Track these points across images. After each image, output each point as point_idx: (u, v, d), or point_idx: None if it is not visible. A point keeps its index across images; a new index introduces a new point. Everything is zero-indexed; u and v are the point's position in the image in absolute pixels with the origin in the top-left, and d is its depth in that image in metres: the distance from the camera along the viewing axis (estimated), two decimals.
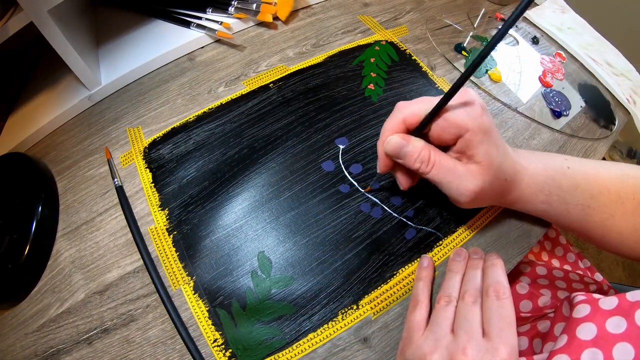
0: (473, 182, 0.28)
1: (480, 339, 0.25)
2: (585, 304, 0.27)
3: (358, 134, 0.40)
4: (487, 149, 0.27)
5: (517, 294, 0.40)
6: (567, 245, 0.50)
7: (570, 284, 0.43)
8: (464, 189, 0.28)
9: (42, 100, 0.43)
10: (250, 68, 0.45)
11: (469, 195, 0.28)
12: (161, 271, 0.32)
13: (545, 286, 0.43)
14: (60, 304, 0.31)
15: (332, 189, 0.36)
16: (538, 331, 0.36)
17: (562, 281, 0.43)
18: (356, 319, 0.31)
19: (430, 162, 0.27)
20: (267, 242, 0.34)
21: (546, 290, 0.42)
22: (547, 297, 0.38)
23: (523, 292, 0.40)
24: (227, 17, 0.48)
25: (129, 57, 0.44)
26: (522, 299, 0.39)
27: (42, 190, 0.35)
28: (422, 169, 0.28)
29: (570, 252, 0.49)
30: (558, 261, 0.47)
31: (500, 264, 0.30)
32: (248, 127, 0.40)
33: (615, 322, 0.25)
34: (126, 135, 0.40)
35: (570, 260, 0.48)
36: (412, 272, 0.33)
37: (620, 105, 0.51)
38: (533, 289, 0.40)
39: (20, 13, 0.33)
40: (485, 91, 0.46)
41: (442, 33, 0.51)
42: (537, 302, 0.38)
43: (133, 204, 0.36)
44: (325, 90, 0.43)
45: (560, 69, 0.52)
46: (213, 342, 0.29)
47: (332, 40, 0.48)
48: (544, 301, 0.37)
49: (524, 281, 0.43)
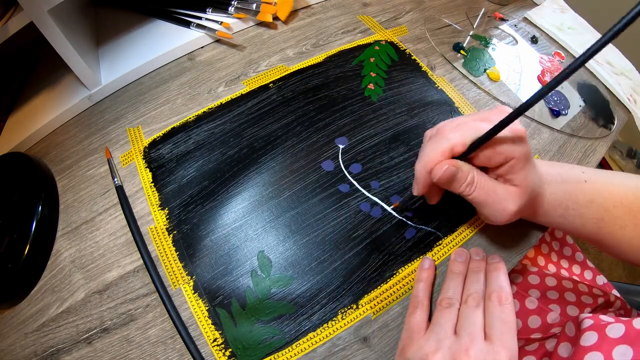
0: (512, 203, 0.28)
1: (482, 341, 0.26)
2: (593, 331, 0.28)
3: (358, 133, 0.40)
4: (526, 174, 0.28)
5: (526, 310, 0.41)
6: (574, 245, 0.50)
7: (580, 297, 0.43)
8: (503, 210, 0.29)
9: (42, 100, 0.43)
10: (250, 68, 0.45)
11: (507, 215, 0.29)
12: (161, 271, 0.32)
13: (554, 301, 0.43)
14: (60, 303, 0.31)
15: (331, 188, 0.36)
16: (546, 350, 0.36)
17: (572, 293, 0.43)
18: (356, 319, 0.31)
19: (474, 184, 0.28)
20: (266, 241, 0.34)
21: (555, 305, 0.43)
22: (557, 314, 0.39)
23: (532, 307, 0.40)
24: (227, 17, 0.48)
25: (129, 57, 0.44)
26: (530, 314, 0.40)
27: (42, 190, 0.35)
28: (466, 192, 0.28)
29: (578, 252, 0.49)
30: (567, 261, 0.47)
31: (503, 268, 0.30)
32: (248, 126, 0.40)
33: (621, 350, 0.25)
34: (126, 134, 0.40)
35: (579, 259, 0.48)
36: (412, 271, 0.33)
37: (619, 105, 0.51)
38: (542, 304, 0.40)
39: (20, 13, 0.33)
40: (484, 91, 0.46)
41: (441, 33, 0.51)
42: (545, 319, 0.38)
43: (133, 203, 0.36)
44: (325, 90, 0.43)
45: (559, 68, 0.52)
46: (213, 341, 0.29)
47: (332, 40, 0.48)
48: (552, 317, 0.38)
49: (533, 295, 0.44)
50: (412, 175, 0.38)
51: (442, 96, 0.44)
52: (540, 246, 0.47)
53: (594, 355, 0.26)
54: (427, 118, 0.42)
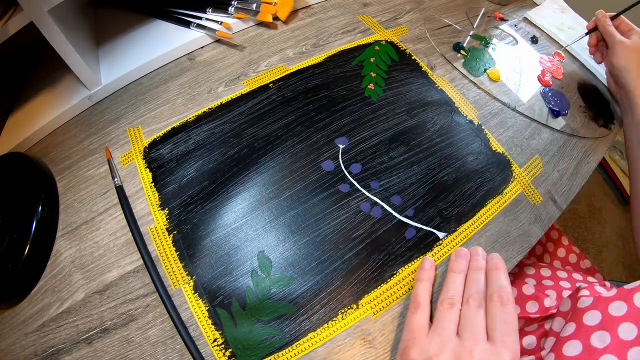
0: None
1: (485, 342, 0.26)
2: (589, 297, 0.30)
3: (358, 133, 0.40)
4: None
5: (523, 295, 0.41)
6: (570, 246, 0.50)
7: (574, 283, 0.43)
8: None
9: (42, 100, 0.43)
10: (250, 68, 0.45)
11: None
12: (161, 271, 0.32)
13: (550, 287, 0.44)
14: (60, 303, 0.31)
15: (332, 188, 0.36)
16: (545, 330, 0.36)
17: (567, 282, 0.43)
18: (356, 319, 0.31)
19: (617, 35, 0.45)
20: (267, 241, 0.34)
21: (551, 291, 0.43)
22: (553, 298, 0.39)
23: (529, 293, 0.41)
24: (227, 17, 0.48)
25: (129, 57, 0.44)
26: (528, 299, 0.40)
27: (42, 190, 0.35)
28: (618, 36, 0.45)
29: (572, 254, 0.49)
30: (560, 262, 0.47)
31: (503, 267, 0.30)
32: (248, 126, 0.40)
33: (616, 306, 0.27)
34: (126, 135, 0.40)
35: (572, 261, 0.48)
36: (412, 271, 0.33)
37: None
38: (539, 290, 0.41)
39: (20, 13, 0.33)
40: (484, 91, 0.46)
41: (441, 33, 0.51)
42: (543, 303, 0.38)
43: (133, 203, 0.36)
44: (325, 90, 0.43)
45: (559, 68, 0.52)
46: (213, 341, 0.29)
47: (332, 40, 0.48)
48: (549, 302, 0.38)
49: (530, 282, 0.44)
50: (412, 175, 0.38)
51: (442, 96, 0.44)
52: (534, 248, 0.48)
53: (591, 313, 0.29)
54: (427, 118, 0.42)
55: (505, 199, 0.38)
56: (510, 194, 0.39)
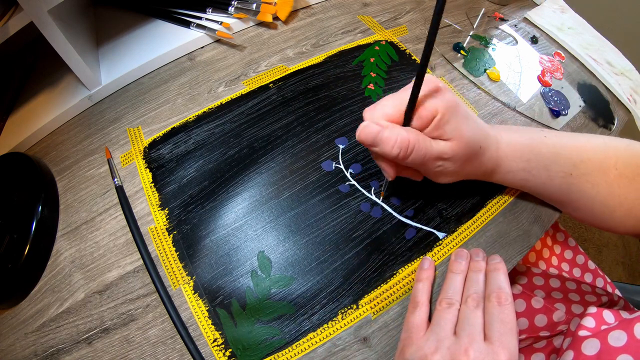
0: None
1: (482, 342, 0.26)
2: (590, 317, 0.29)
3: None
4: (457, 125, 0.27)
5: (532, 309, 0.41)
6: (577, 247, 0.50)
7: (584, 296, 0.43)
8: None
9: (42, 100, 0.43)
10: (250, 68, 0.45)
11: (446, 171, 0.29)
12: (161, 271, 0.32)
13: (559, 300, 0.43)
14: (60, 303, 0.32)
15: (332, 188, 0.36)
16: (554, 347, 0.36)
17: (576, 294, 0.43)
18: (356, 319, 0.31)
19: (409, 147, 0.26)
20: (267, 241, 0.34)
21: (560, 304, 0.43)
22: (562, 312, 0.39)
23: (538, 306, 0.40)
24: (227, 17, 0.48)
25: (129, 57, 0.44)
26: (537, 313, 0.40)
27: (42, 190, 0.35)
28: (401, 155, 0.26)
29: (580, 254, 0.48)
30: (568, 265, 0.47)
31: (503, 269, 0.30)
32: (248, 127, 0.40)
33: (616, 335, 0.26)
34: (126, 135, 0.40)
35: (580, 262, 0.48)
36: (412, 271, 0.33)
37: (619, 105, 0.51)
38: (548, 304, 0.41)
39: (20, 13, 0.33)
40: (484, 91, 0.46)
41: (441, 33, 0.51)
42: (552, 317, 0.38)
43: (133, 203, 0.36)
44: (325, 90, 0.43)
45: (559, 68, 0.52)
46: (213, 341, 0.29)
47: (332, 40, 0.48)
48: (558, 316, 0.38)
49: (539, 295, 0.44)
50: None
51: None
52: (542, 250, 0.47)
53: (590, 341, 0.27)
54: None
55: (505, 199, 0.38)
56: (510, 194, 0.39)
